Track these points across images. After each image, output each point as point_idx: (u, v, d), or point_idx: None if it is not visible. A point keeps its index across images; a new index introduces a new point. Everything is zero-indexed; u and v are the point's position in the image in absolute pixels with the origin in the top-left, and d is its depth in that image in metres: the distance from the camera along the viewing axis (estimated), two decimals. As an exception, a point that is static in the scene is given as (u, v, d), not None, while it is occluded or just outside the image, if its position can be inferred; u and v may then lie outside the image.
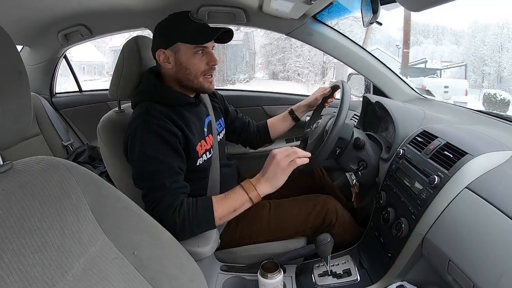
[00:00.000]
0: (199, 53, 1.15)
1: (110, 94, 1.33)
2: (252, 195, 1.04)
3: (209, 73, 1.19)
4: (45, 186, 0.64)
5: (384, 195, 1.24)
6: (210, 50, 1.18)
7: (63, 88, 2.54)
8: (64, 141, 2.21)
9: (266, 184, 1.04)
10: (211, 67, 1.18)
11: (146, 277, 0.74)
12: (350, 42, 1.83)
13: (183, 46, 1.14)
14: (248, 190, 1.04)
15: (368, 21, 1.30)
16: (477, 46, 13.45)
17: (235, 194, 1.05)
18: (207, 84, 1.20)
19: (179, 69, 1.16)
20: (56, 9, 1.80)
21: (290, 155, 1.04)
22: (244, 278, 1.30)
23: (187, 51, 1.14)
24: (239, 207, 1.05)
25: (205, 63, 1.16)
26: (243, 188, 1.05)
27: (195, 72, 1.16)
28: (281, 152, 1.05)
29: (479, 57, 13.15)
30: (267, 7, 1.62)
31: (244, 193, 1.04)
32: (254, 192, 1.04)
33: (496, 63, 12.76)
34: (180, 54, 1.14)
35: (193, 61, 1.15)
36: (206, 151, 1.25)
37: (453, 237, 0.85)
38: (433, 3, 0.67)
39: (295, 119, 1.64)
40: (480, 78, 12.98)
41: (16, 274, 0.53)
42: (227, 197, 1.05)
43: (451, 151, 1.00)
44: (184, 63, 1.15)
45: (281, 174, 1.03)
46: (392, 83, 1.84)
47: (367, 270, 1.24)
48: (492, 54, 12.91)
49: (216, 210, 1.03)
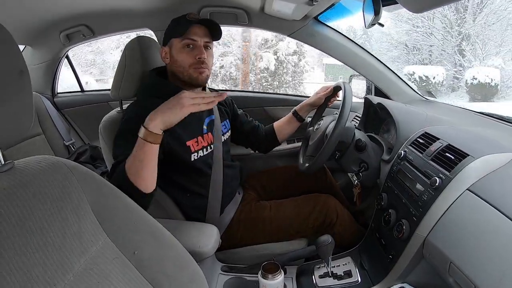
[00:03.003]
0: (188, 47, 1.22)
1: (112, 94, 1.34)
2: (145, 136, 0.96)
3: (197, 65, 1.23)
4: (46, 186, 0.64)
5: (385, 197, 1.24)
6: (199, 45, 1.23)
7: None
8: (66, 141, 2.21)
9: (157, 118, 0.97)
10: (198, 60, 1.22)
11: (147, 277, 0.74)
12: (351, 43, 1.82)
13: (175, 41, 1.23)
14: (142, 135, 0.97)
15: (370, 22, 1.29)
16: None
17: (136, 146, 0.99)
18: (196, 75, 1.24)
19: (173, 63, 1.25)
20: (58, 9, 1.80)
21: (196, 96, 0.98)
22: (244, 279, 1.30)
23: (177, 45, 1.23)
24: (141, 154, 0.98)
25: (193, 56, 1.22)
26: (139, 136, 0.98)
27: (183, 64, 1.23)
28: (191, 92, 1.00)
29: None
30: (269, 8, 1.62)
31: (140, 139, 0.97)
32: (145, 132, 0.96)
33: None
34: (172, 49, 1.24)
35: (182, 54, 1.23)
36: (202, 148, 1.28)
37: (454, 239, 0.84)
38: (435, 4, 0.67)
39: (300, 120, 1.64)
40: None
41: (17, 273, 0.53)
42: (132, 153, 0.99)
43: (453, 152, 1.00)
44: (175, 57, 1.24)
45: (178, 110, 0.96)
46: (393, 85, 1.83)
47: (368, 271, 1.23)
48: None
49: (126, 171, 0.98)
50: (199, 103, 0.98)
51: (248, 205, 1.44)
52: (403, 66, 13.37)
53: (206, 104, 0.99)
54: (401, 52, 14.12)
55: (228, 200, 1.39)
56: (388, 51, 14.24)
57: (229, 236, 1.35)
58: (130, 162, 0.99)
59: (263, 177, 1.70)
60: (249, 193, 1.56)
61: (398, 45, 14.19)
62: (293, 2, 1.44)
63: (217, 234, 1.13)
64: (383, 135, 1.59)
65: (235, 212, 1.40)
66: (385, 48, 14.38)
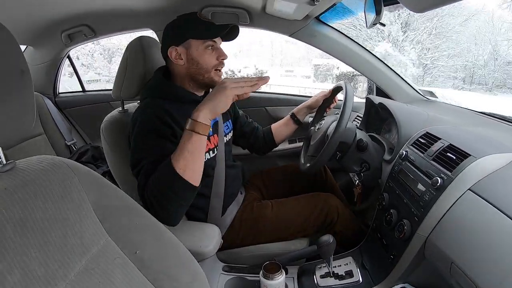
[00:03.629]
0: (209, 49, 1.20)
1: (113, 94, 1.34)
2: (193, 127, 0.97)
3: (219, 67, 1.24)
4: (47, 186, 0.64)
5: (386, 197, 1.24)
6: (219, 46, 1.23)
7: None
8: (67, 141, 2.22)
9: (204, 108, 0.98)
10: (220, 62, 1.23)
11: (148, 277, 0.74)
12: (353, 43, 1.82)
13: (194, 42, 1.19)
14: (190, 127, 0.98)
15: (372, 22, 1.29)
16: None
17: (183, 138, 0.99)
18: (217, 78, 1.24)
19: (190, 65, 1.21)
20: (60, 9, 1.80)
21: (238, 81, 0.99)
22: (246, 279, 1.30)
23: (198, 46, 1.19)
24: (189, 146, 0.98)
25: (215, 58, 1.22)
26: (187, 129, 0.99)
27: (206, 66, 1.21)
28: (232, 78, 1.02)
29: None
30: (271, 8, 1.62)
31: (189, 131, 0.98)
32: (193, 123, 0.97)
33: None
34: (191, 50, 1.20)
35: (204, 56, 1.20)
36: (209, 150, 1.27)
37: (455, 239, 0.84)
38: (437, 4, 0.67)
39: (297, 123, 1.65)
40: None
41: (18, 273, 0.53)
42: (178, 147, 1.00)
43: (454, 152, 1.00)
44: (196, 58, 1.20)
45: (222, 95, 0.97)
46: (395, 85, 1.83)
47: (369, 271, 1.23)
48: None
49: (175, 165, 0.97)
50: (242, 86, 0.98)
51: (250, 204, 1.44)
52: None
53: (250, 87, 0.99)
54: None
55: (230, 200, 1.39)
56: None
57: (230, 236, 1.35)
58: (178, 157, 0.98)
59: (265, 176, 1.70)
60: (251, 193, 1.57)
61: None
62: (294, 2, 1.43)
63: (218, 234, 1.13)
64: (384, 135, 1.59)
65: (237, 212, 1.41)
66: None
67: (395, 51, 12.54)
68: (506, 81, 11.27)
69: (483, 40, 11.95)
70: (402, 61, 12.34)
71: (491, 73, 11.62)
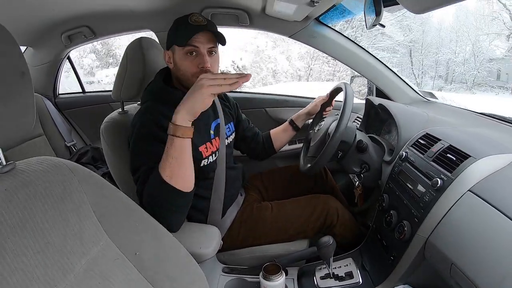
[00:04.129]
0: (191, 55, 1.15)
1: (113, 95, 1.34)
2: (173, 131, 0.95)
3: (199, 75, 1.15)
4: (47, 187, 0.64)
5: (386, 198, 1.24)
6: (202, 52, 1.15)
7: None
8: (67, 142, 2.22)
9: (181, 109, 0.95)
10: (201, 70, 1.15)
11: (148, 278, 0.74)
12: (353, 44, 1.82)
13: (177, 48, 1.17)
14: (171, 131, 0.95)
15: (371, 23, 1.29)
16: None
17: (166, 145, 0.97)
18: None
19: (176, 69, 1.20)
20: (60, 10, 1.81)
21: (216, 77, 0.93)
22: (246, 280, 1.30)
23: (179, 52, 1.16)
24: (173, 151, 0.96)
25: (196, 65, 1.16)
26: (168, 134, 0.96)
27: (186, 73, 1.17)
28: (209, 73, 0.96)
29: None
30: (270, 9, 1.62)
31: (170, 136, 0.96)
32: (173, 127, 0.95)
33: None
34: (175, 55, 1.18)
35: (184, 62, 1.16)
36: (212, 153, 1.26)
37: (456, 240, 0.84)
38: (436, 5, 0.67)
39: (296, 129, 1.66)
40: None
41: (18, 274, 0.53)
42: (163, 154, 0.98)
43: (454, 153, 1.00)
44: (178, 64, 1.18)
45: (198, 94, 0.92)
46: (395, 86, 1.83)
47: (369, 272, 1.23)
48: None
49: (162, 174, 0.96)
50: (220, 84, 0.91)
51: (250, 206, 1.43)
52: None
53: (229, 86, 0.92)
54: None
55: (230, 202, 1.39)
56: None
57: (230, 237, 1.35)
58: (163, 163, 0.97)
59: (264, 178, 1.70)
60: (251, 194, 1.56)
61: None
62: (294, 3, 1.43)
63: (218, 236, 1.13)
64: (384, 136, 1.59)
65: (237, 213, 1.40)
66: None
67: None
68: (487, 78, 10.79)
69: (463, 35, 11.37)
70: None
71: (471, 71, 11.06)
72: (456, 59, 11.37)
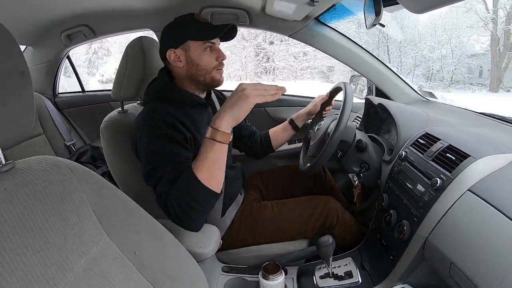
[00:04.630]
0: (208, 50, 1.20)
1: (113, 95, 1.34)
2: (214, 135, 0.97)
3: (219, 67, 1.23)
4: (47, 186, 0.64)
5: (386, 197, 1.24)
6: (218, 47, 1.23)
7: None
8: (67, 141, 2.22)
9: (225, 116, 0.97)
10: (220, 62, 1.22)
11: (147, 277, 0.74)
12: (352, 44, 1.82)
13: (193, 44, 1.18)
14: (211, 135, 0.97)
15: (371, 23, 1.29)
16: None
17: (204, 147, 0.99)
18: (218, 77, 1.24)
19: (190, 66, 1.20)
20: (59, 10, 1.81)
21: (258, 88, 0.97)
22: (245, 280, 1.30)
23: (197, 48, 1.19)
24: (212, 155, 0.98)
25: (214, 58, 1.21)
26: (207, 137, 0.98)
27: (206, 67, 1.20)
28: (249, 83, 0.98)
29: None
30: (270, 8, 1.62)
31: (210, 140, 0.97)
32: (215, 132, 0.97)
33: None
34: (190, 52, 1.19)
35: (204, 57, 1.19)
36: None
37: (455, 240, 0.84)
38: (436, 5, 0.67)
39: (295, 129, 1.66)
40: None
41: (17, 274, 0.53)
42: (200, 156, 0.99)
43: (454, 153, 1.00)
44: (195, 60, 1.19)
45: (244, 103, 0.96)
46: (394, 85, 1.83)
47: (368, 272, 1.23)
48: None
49: (198, 175, 0.97)
50: (264, 95, 0.96)
51: (250, 205, 1.43)
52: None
53: (272, 96, 0.97)
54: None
55: (230, 201, 1.38)
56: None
57: (230, 236, 1.35)
58: (200, 165, 0.98)
59: (264, 177, 1.70)
60: (251, 194, 1.56)
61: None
62: (294, 2, 1.44)
63: (218, 235, 1.13)
64: (384, 135, 1.58)
65: (237, 212, 1.40)
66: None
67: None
68: (465, 75, 10.20)
69: (440, 30, 10.73)
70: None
71: (449, 67, 10.54)
72: (432, 55, 11.01)
